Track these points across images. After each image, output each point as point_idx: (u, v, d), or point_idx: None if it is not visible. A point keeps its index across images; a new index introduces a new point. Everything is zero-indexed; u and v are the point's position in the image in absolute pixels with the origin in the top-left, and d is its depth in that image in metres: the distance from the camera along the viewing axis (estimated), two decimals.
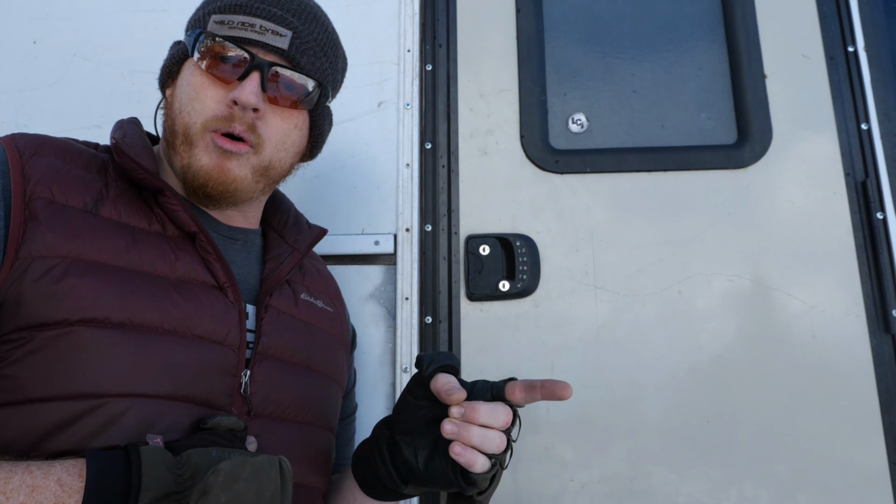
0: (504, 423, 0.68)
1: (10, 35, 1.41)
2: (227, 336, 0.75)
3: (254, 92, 0.77)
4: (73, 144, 0.78)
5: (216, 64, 0.78)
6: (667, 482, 1.16)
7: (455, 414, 0.69)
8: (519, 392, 0.71)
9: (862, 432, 1.16)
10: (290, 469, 0.64)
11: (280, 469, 0.62)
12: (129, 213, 0.74)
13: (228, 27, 0.78)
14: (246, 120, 0.78)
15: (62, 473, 0.56)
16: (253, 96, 0.76)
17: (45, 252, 0.65)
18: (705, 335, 1.23)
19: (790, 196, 1.28)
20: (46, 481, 0.55)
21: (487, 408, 0.68)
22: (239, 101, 0.76)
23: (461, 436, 0.68)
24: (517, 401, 0.71)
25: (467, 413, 0.68)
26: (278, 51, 0.80)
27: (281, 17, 0.81)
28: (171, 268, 0.73)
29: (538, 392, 0.70)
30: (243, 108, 0.77)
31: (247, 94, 0.76)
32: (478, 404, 0.68)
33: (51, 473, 0.56)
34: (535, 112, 1.35)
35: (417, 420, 0.75)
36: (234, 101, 0.77)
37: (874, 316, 1.21)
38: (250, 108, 0.77)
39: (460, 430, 0.68)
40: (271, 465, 0.61)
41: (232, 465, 0.57)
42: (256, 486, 0.58)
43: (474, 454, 0.68)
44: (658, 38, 1.39)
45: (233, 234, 0.87)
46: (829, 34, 1.36)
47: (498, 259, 1.28)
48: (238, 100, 0.76)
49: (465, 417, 0.68)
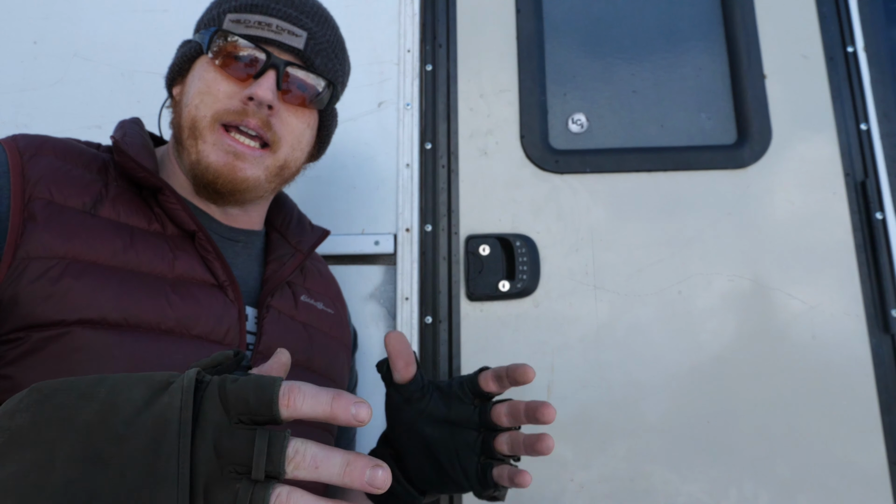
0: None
1: (10, 35, 1.41)
2: (227, 335, 0.75)
3: (270, 89, 0.77)
4: (74, 144, 0.78)
5: (231, 62, 0.79)
6: (667, 482, 1.16)
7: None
8: (492, 384, 0.73)
9: (862, 432, 1.16)
10: (219, 380, 0.43)
11: (160, 386, 0.43)
12: (129, 213, 0.74)
13: (245, 26, 0.79)
14: (260, 116, 0.78)
15: None
16: (269, 93, 0.77)
17: (42, 253, 0.65)
18: (705, 335, 1.23)
19: (790, 196, 1.28)
20: None
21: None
22: (255, 97, 0.77)
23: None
24: (492, 391, 0.73)
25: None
26: (294, 51, 0.81)
27: (296, 17, 0.81)
28: (169, 267, 0.73)
29: (505, 381, 0.71)
30: (258, 105, 0.77)
31: (264, 90, 0.77)
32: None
33: None
34: (535, 112, 1.35)
35: (417, 431, 0.76)
36: (249, 98, 0.77)
37: (874, 316, 1.22)
38: (266, 104, 0.78)
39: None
40: (98, 381, 0.43)
41: (10, 399, 0.43)
42: (56, 413, 0.41)
43: (528, 475, 0.70)
44: (658, 38, 1.39)
45: (233, 236, 0.87)
46: (829, 34, 1.36)
47: (498, 259, 1.28)
48: (255, 96, 0.77)
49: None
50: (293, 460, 0.41)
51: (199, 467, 0.40)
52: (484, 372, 0.74)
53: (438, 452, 0.75)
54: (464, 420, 0.75)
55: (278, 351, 0.58)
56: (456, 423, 0.75)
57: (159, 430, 0.40)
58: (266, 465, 0.40)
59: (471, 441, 0.74)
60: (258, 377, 0.43)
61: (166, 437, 0.39)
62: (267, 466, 0.40)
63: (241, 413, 0.41)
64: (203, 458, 0.40)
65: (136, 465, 0.39)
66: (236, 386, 0.42)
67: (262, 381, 0.42)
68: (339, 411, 0.42)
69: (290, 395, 0.42)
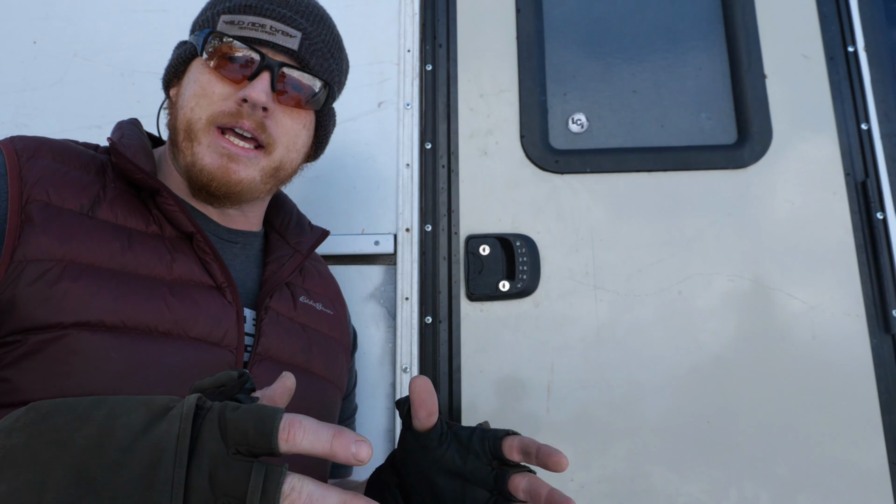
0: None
1: (10, 35, 1.41)
2: (225, 336, 0.75)
3: (265, 91, 0.77)
4: (71, 146, 0.78)
5: (226, 63, 0.78)
6: (667, 482, 1.16)
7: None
8: (517, 454, 0.68)
9: (862, 432, 1.16)
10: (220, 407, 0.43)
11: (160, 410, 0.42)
12: (127, 215, 0.74)
13: (239, 27, 0.79)
14: (255, 118, 0.78)
15: None
16: (264, 95, 0.77)
17: (39, 255, 0.65)
18: (705, 335, 1.23)
19: (790, 196, 1.28)
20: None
21: None
22: (249, 98, 0.76)
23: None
24: (515, 460, 0.69)
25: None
26: (288, 51, 0.81)
27: (290, 18, 0.81)
28: (167, 269, 0.73)
29: (533, 459, 0.67)
30: (253, 107, 0.77)
31: (258, 92, 0.76)
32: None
33: None
34: (535, 112, 1.35)
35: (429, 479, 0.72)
36: (243, 100, 0.77)
37: (874, 316, 1.21)
38: (260, 106, 0.77)
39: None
40: (96, 404, 0.42)
41: (7, 417, 0.42)
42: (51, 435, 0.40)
43: None
44: (658, 38, 1.39)
45: (231, 237, 0.87)
46: (829, 34, 1.36)
47: (498, 259, 1.28)
48: (249, 98, 0.76)
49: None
50: (289, 497, 0.40)
51: (191, 498, 0.39)
52: (510, 438, 0.69)
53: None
54: (478, 479, 0.70)
55: (284, 375, 0.57)
56: (470, 479, 0.71)
57: (155, 459, 0.39)
58: (261, 500, 0.39)
59: (481, 501, 0.70)
60: (259, 408, 0.42)
61: (161, 466, 0.39)
62: (261, 502, 0.39)
63: (238, 444, 0.40)
64: (197, 489, 0.39)
65: (128, 494, 0.38)
66: (236, 416, 0.41)
67: (264, 412, 0.41)
68: (338, 449, 0.41)
69: (290, 430, 0.41)
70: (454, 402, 1.22)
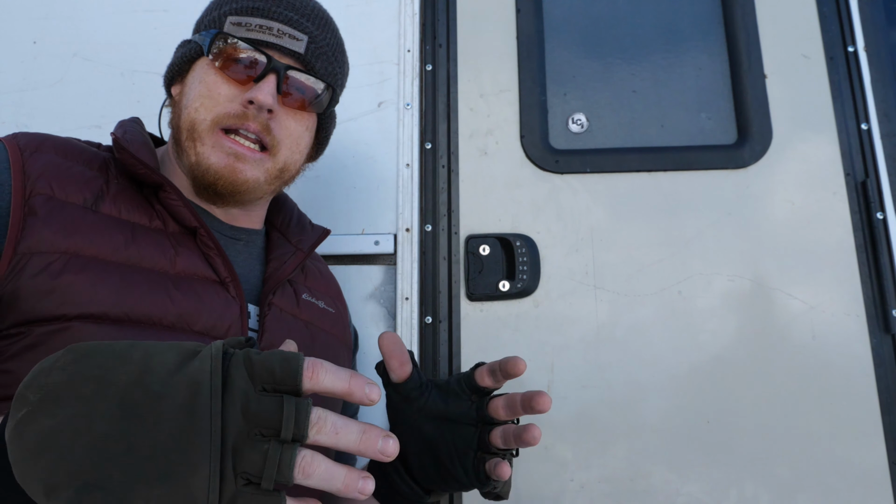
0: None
1: (10, 35, 1.41)
2: (229, 331, 0.75)
3: (271, 93, 0.77)
4: (74, 143, 0.78)
5: (232, 64, 0.79)
6: (667, 482, 1.16)
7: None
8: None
9: (862, 432, 1.16)
10: (244, 353, 0.45)
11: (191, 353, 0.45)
12: (130, 210, 0.74)
13: (246, 29, 0.79)
14: (260, 120, 0.78)
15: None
16: (270, 97, 0.77)
17: (43, 248, 0.65)
18: (705, 335, 1.23)
19: (790, 196, 1.28)
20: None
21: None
22: (256, 100, 0.77)
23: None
24: (488, 385, 0.76)
25: None
26: (294, 54, 0.81)
27: (297, 21, 0.82)
28: (171, 263, 0.73)
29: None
30: (258, 109, 0.78)
31: (264, 94, 0.77)
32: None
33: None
34: (535, 112, 1.35)
35: (418, 429, 0.77)
36: (249, 101, 0.77)
37: (874, 316, 1.21)
38: (266, 108, 0.78)
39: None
40: (132, 345, 0.45)
41: (45, 359, 0.44)
42: (93, 372, 0.42)
43: (507, 466, 0.73)
44: (658, 38, 1.39)
45: (235, 234, 0.87)
46: (829, 34, 1.36)
47: (498, 259, 1.28)
48: (255, 100, 0.77)
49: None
50: (316, 425, 0.44)
51: (228, 427, 0.42)
52: (479, 367, 0.76)
53: (439, 449, 0.76)
54: (462, 416, 0.76)
55: (286, 342, 0.60)
56: (454, 419, 0.76)
57: (193, 391, 0.42)
58: (294, 429, 0.43)
59: (468, 437, 0.75)
60: (281, 352, 0.45)
61: (200, 397, 0.42)
62: (294, 430, 0.43)
63: (265, 382, 0.44)
64: (232, 420, 0.42)
65: (170, 422, 0.41)
66: (261, 357, 0.44)
67: (287, 355, 0.45)
68: (355, 388, 0.46)
69: (313, 369, 0.45)
70: None
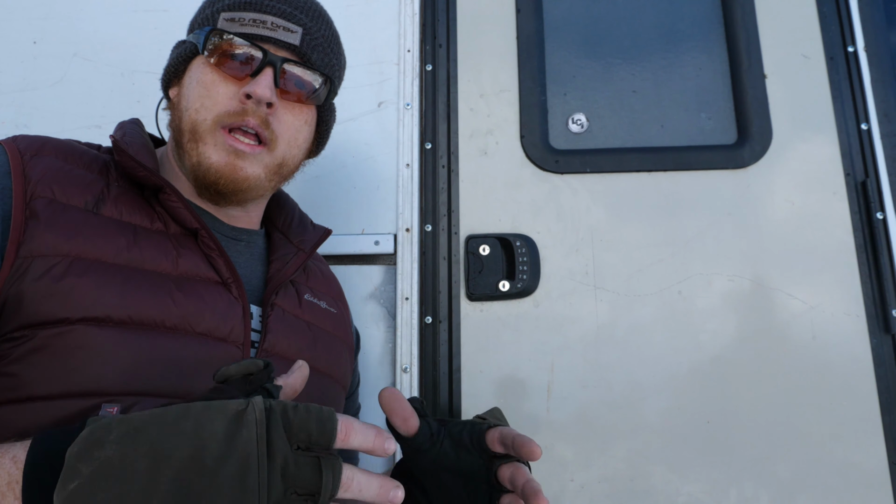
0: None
1: (10, 35, 1.41)
2: (231, 332, 0.75)
3: (269, 86, 0.77)
4: (74, 145, 0.78)
5: (227, 60, 0.78)
6: (667, 482, 1.16)
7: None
8: (498, 446, 0.73)
9: (862, 432, 1.16)
10: (281, 408, 0.48)
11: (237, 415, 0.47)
12: (131, 212, 0.74)
13: (240, 24, 0.79)
14: (260, 114, 0.78)
15: (18, 450, 0.51)
16: (268, 90, 0.77)
17: (45, 251, 0.65)
18: (705, 335, 1.23)
19: (790, 196, 1.28)
20: (2, 459, 0.51)
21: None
22: (254, 95, 0.76)
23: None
24: (499, 452, 0.73)
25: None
26: (290, 47, 0.81)
27: (291, 13, 0.82)
28: (173, 265, 0.73)
29: (510, 449, 0.71)
30: (257, 103, 0.78)
31: (262, 88, 0.76)
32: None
33: (9, 451, 0.52)
34: (535, 112, 1.35)
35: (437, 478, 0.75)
36: (247, 96, 0.77)
37: (874, 316, 1.21)
38: (265, 102, 0.78)
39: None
40: (182, 414, 0.46)
41: (95, 428, 0.45)
42: (146, 447, 0.44)
43: None
44: (658, 38, 1.39)
45: (236, 235, 0.87)
46: (829, 34, 1.36)
47: (498, 259, 1.28)
48: (253, 94, 0.76)
49: None
50: (344, 485, 0.48)
51: (272, 493, 0.45)
52: (491, 431, 0.74)
53: (457, 501, 0.75)
54: (474, 473, 0.74)
55: (299, 363, 0.63)
56: (467, 475, 0.74)
57: (243, 465, 0.45)
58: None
59: (481, 494, 0.74)
60: (317, 409, 0.49)
61: (250, 473, 0.45)
62: (330, 492, 0.47)
63: (301, 441, 0.48)
64: (274, 484, 0.45)
65: (224, 495, 0.44)
66: (298, 417, 0.48)
67: (322, 414, 0.49)
68: (377, 445, 0.51)
69: (346, 432, 0.49)
70: (454, 402, 1.22)
